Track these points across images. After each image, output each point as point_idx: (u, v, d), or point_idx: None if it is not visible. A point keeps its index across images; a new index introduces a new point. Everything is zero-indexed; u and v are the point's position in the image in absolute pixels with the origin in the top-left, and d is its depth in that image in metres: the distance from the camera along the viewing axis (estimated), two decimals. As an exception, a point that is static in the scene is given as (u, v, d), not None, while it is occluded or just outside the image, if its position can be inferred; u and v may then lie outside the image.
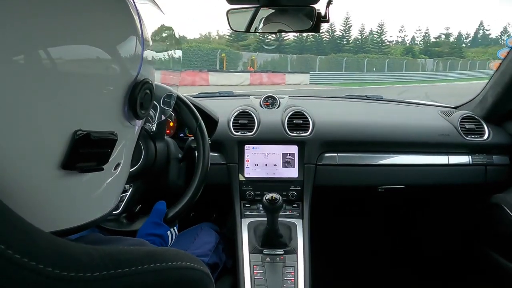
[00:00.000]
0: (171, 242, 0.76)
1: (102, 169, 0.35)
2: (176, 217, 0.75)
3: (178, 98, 0.83)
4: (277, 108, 1.29)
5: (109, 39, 0.32)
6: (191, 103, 0.84)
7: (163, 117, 0.73)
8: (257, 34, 0.95)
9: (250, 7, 0.86)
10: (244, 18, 0.89)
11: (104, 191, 0.39)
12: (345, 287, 1.47)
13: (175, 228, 0.77)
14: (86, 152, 0.32)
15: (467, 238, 1.41)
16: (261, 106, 1.30)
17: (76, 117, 0.30)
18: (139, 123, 0.41)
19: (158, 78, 0.46)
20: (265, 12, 0.87)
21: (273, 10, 0.87)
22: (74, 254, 0.27)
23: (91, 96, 0.31)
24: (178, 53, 0.58)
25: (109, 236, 0.41)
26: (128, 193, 0.80)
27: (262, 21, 0.89)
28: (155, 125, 0.77)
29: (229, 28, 0.93)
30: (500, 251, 1.20)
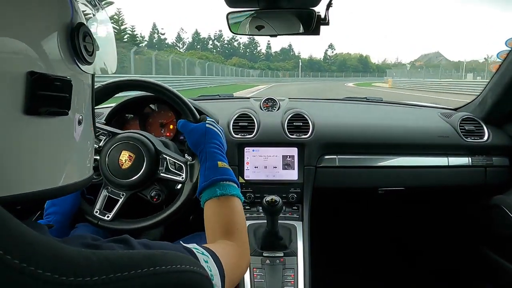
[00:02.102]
0: (223, 137, 0.80)
1: (66, 113, 0.36)
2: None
3: (180, 99, 0.84)
4: (277, 110, 1.29)
5: None
6: (192, 105, 0.85)
7: None
8: (256, 36, 0.96)
9: (249, 10, 0.86)
10: (243, 21, 0.89)
11: (73, 151, 0.39)
12: None
13: (208, 119, 0.80)
14: (46, 95, 0.33)
15: (467, 239, 1.41)
16: (261, 108, 1.30)
17: (26, 60, 0.31)
18: (91, 68, 0.41)
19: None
20: (264, 15, 0.88)
21: (273, 13, 0.88)
22: (72, 259, 0.27)
23: (32, 39, 0.32)
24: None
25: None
26: (120, 202, 0.83)
27: (262, 24, 0.89)
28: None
29: (229, 30, 0.93)
30: (500, 253, 1.19)
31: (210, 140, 0.74)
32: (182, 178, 0.82)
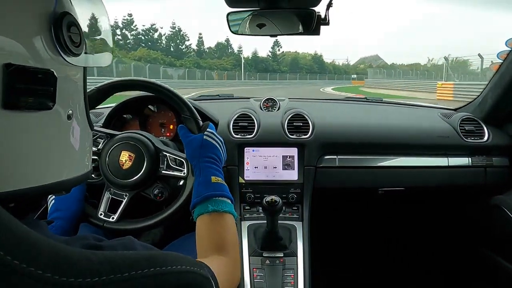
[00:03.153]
0: (222, 148, 0.78)
1: (50, 108, 0.35)
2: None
3: (180, 100, 0.84)
4: (277, 110, 1.29)
5: None
6: (192, 105, 0.85)
7: None
8: (257, 36, 0.95)
9: (250, 10, 0.86)
10: (244, 21, 0.89)
11: (62, 147, 0.38)
12: None
13: (208, 130, 0.78)
14: (25, 88, 0.32)
15: (466, 239, 1.41)
16: (261, 108, 1.30)
17: (2, 52, 0.30)
18: (78, 61, 0.40)
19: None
20: (264, 15, 0.88)
21: (273, 13, 0.87)
22: (73, 260, 0.27)
23: (11, 32, 0.31)
24: None
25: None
26: (123, 203, 0.83)
27: (262, 24, 0.89)
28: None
29: (229, 30, 0.93)
30: (500, 253, 1.19)
31: (205, 154, 0.73)
32: (184, 173, 0.82)
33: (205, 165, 0.71)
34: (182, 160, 0.82)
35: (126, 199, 0.82)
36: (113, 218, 0.82)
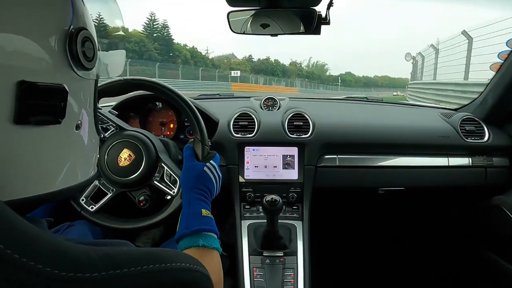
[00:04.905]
0: (217, 183, 0.77)
1: (59, 122, 0.35)
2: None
3: (180, 99, 0.83)
4: (277, 110, 1.29)
5: None
6: (193, 104, 0.85)
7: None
8: (257, 36, 0.95)
9: (250, 9, 0.86)
10: (244, 20, 0.89)
11: (70, 156, 0.39)
12: None
13: (211, 162, 0.77)
14: (36, 104, 0.32)
15: (467, 239, 1.41)
16: (261, 107, 1.30)
17: (16, 67, 0.30)
18: (90, 75, 0.40)
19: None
20: (265, 14, 0.88)
21: (274, 12, 0.87)
22: (73, 255, 0.27)
23: (25, 46, 0.31)
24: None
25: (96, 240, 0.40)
26: (107, 197, 0.82)
27: (262, 23, 0.89)
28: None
29: (230, 30, 0.93)
30: (500, 253, 1.19)
31: (199, 186, 0.71)
32: (174, 192, 0.81)
33: (195, 197, 0.70)
34: (176, 178, 0.82)
35: (111, 194, 0.82)
36: (92, 207, 0.81)
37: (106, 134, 0.83)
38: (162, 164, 0.82)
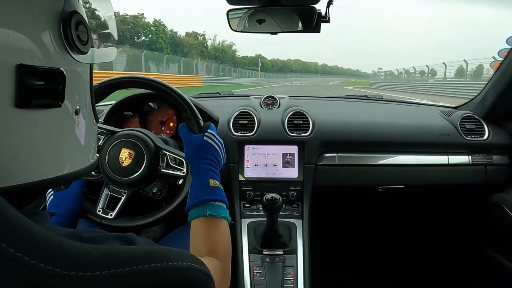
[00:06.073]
0: (221, 150, 0.77)
1: (59, 105, 0.36)
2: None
3: (180, 97, 0.83)
4: (277, 108, 1.29)
5: None
6: (192, 103, 0.85)
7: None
8: (257, 34, 0.95)
9: (250, 7, 0.86)
10: (244, 19, 0.89)
11: (71, 140, 0.39)
12: (345, 286, 1.47)
13: (209, 131, 0.77)
14: (36, 87, 0.33)
15: (467, 237, 1.41)
16: (261, 106, 1.30)
17: (13, 52, 0.31)
18: (85, 58, 0.41)
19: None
20: (265, 12, 0.87)
21: (273, 10, 0.87)
22: (74, 253, 0.27)
23: (20, 31, 0.31)
24: None
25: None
26: (122, 200, 0.83)
27: (262, 21, 0.89)
28: None
29: (229, 27, 0.93)
30: (500, 251, 1.20)
31: (204, 155, 0.72)
32: (183, 172, 0.82)
33: (203, 167, 0.70)
34: (182, 159, 0.82)
35: (124, 196, 0.82)
36: (111, 215, 0.82)
37: (99, 143, 0.83)
38: (164, 151, 0.83)
